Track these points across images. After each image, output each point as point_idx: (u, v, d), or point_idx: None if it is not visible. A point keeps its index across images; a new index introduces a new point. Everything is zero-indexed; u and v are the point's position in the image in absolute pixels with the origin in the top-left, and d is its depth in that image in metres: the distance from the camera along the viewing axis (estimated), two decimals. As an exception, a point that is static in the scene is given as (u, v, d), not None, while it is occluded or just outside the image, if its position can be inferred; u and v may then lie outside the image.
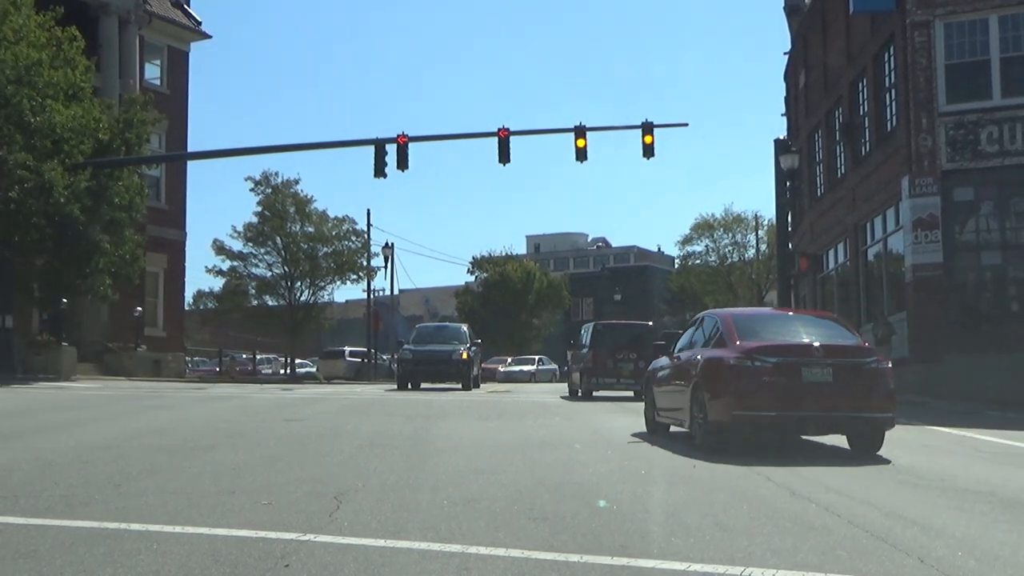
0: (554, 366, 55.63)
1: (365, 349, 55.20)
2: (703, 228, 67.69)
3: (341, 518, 6.53)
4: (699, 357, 12.06)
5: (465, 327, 35.28)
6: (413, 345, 31.09)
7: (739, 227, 66.99)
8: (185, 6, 45.31)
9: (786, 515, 6.94)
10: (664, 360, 14.04)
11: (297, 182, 51.20)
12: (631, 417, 16.55)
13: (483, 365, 40.93)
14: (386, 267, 55.97)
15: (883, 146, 26.91)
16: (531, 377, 51.70)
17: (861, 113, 29.30)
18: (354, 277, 53.38)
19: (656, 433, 13.64)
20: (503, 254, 71.44)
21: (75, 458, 9.50)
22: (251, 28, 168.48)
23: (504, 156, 29.98)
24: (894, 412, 11.10)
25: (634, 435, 13.34)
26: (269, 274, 51.20)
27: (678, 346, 13.64)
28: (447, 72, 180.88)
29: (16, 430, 12.58)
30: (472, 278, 72.27)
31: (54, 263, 30.25)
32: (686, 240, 69.07)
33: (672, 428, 13.49)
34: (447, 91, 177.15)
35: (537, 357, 58.24)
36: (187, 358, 51.22)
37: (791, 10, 39.14)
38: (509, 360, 56.21)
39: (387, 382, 41.53)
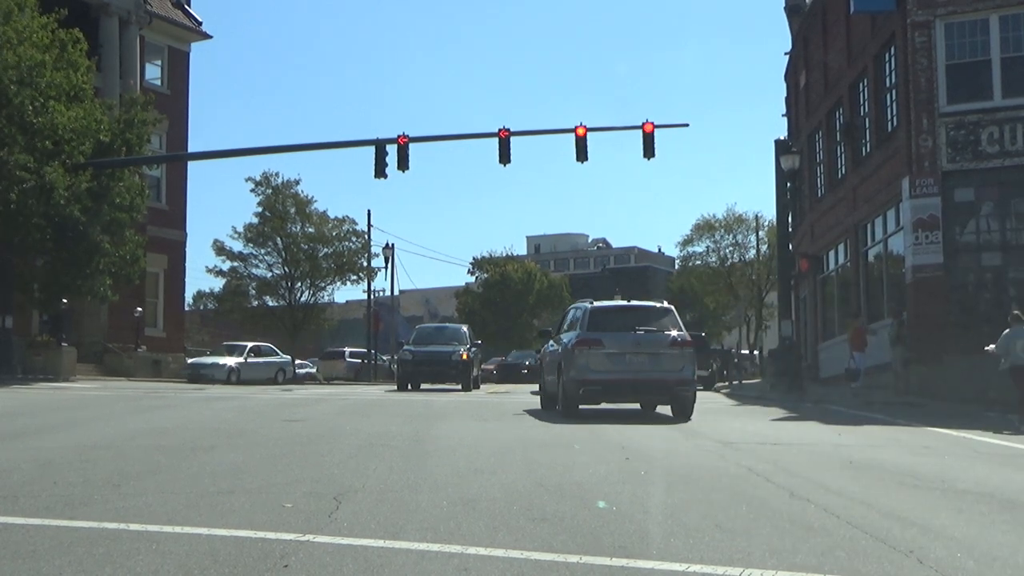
0: None
1: (365, 350, 55.20)
2: (704, 229, 67.41)
3: (340, 518, 6.52)
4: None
5: (465, 328, 35.31)
6: (413, 346, 31.11)
7: (740, 228, 66.78)
8: (185, 6, 45.30)
9: (785, 516, 6.94)
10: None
11: (297, 183, 51.04)
12: (626, 418, 16.52)
13: (483, 366, 41.04)
14: (386, 268, 56.02)
15: (883, 147, 26.91)
16: None
17: (862, 114, 29.30)
18: (354, 278, 53.29)
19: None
20: (503, 255, 71.32)
21: (75, 458, 9.49)
22: (251, 28, 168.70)
23: (504, 156, 29.97)
24: None
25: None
26: (269, 275, 51.08)
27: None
28: (447, 72, 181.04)
29: (16, 430, 12.58)
30: (472, 279, 72.17)
31: (54, 264, 30.24)
32: (687, 241, 68.81)
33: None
34: (447, 91, 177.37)
35: None
36: (187, 359, 51.17)
37: (791, 10, 39.12)
38: None
39: (387, 383, 41.54)
